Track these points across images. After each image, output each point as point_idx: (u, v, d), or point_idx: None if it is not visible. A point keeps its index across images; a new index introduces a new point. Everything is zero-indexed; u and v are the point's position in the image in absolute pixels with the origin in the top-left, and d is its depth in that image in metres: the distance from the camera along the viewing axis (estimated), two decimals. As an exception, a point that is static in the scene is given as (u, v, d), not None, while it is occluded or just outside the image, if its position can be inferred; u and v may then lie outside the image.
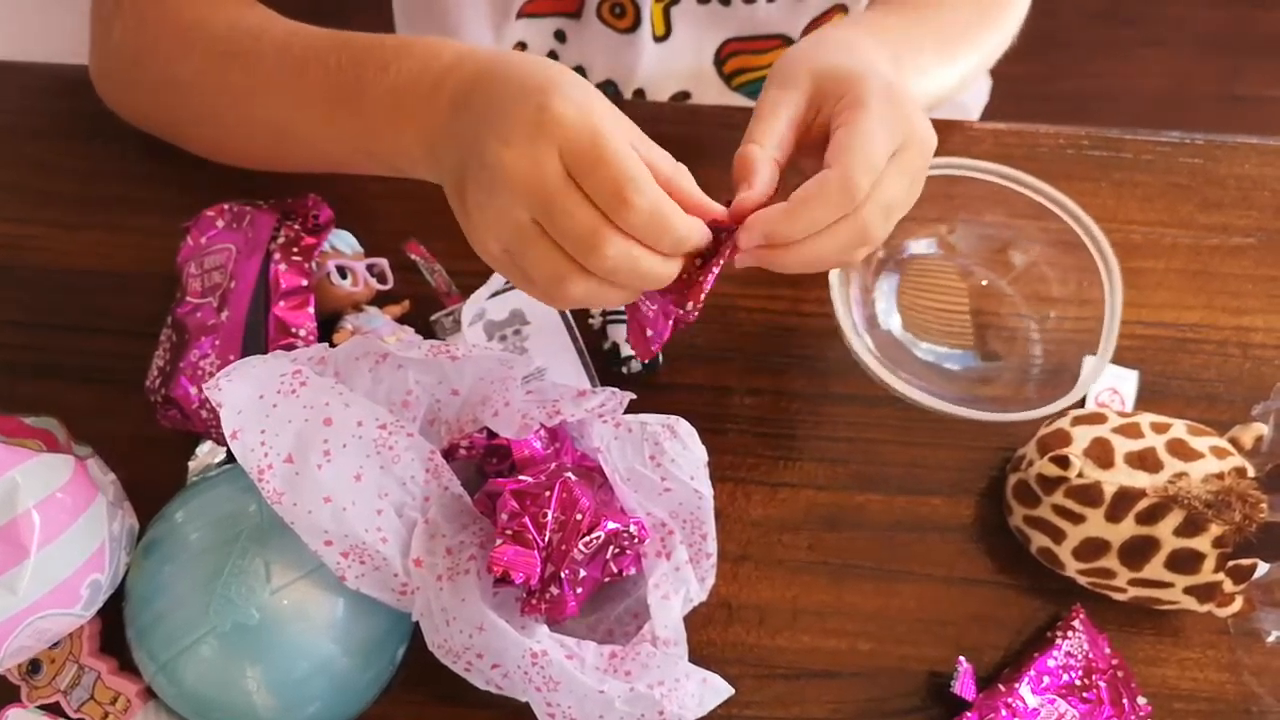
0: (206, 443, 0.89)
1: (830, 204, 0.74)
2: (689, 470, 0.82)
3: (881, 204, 0.76)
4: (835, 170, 0.74)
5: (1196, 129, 1.09)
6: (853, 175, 0.74)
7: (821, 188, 0.74)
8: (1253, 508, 0.80)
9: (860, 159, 0.74)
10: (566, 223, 0.69)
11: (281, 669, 0.78)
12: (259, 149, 0.96)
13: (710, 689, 0.79)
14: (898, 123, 0.77)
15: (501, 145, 0.70)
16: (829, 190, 0.74)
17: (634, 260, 0.71)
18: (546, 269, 0.72)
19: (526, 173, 0.69)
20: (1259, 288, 1.02)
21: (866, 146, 0.75)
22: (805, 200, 0.74)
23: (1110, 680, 0.86)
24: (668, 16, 1.11)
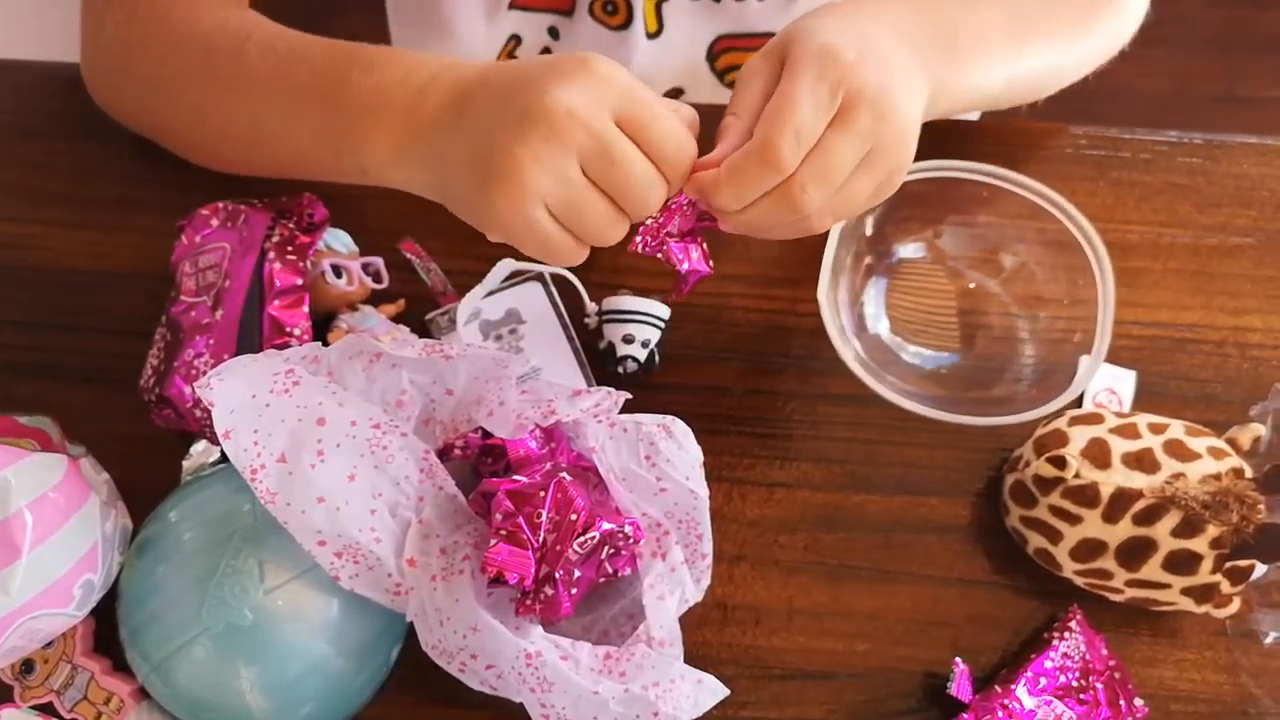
0: (201, 442, 0.88)
1: (755, 174, 0.74)
2: (684, 470, 0.82)
3: (818, 174, 0.74)
4: (755, 138, 0.73)
5: (1196, 129, 1.09)
6: (772, 141, 0.72)
7: (744, 157, 0.73)
8: (1250, 509, 0.80)
9: (779, 124, 0.72)
10: (628, 172, 0.71)
11: (275, 669, 0.78)
12: (236, 149, 0.95)
13: (705, 690, 0.79)
14: (832, 82, 0.73)
15: (556, 88, 0.71)
16: (750, 160, 0.73)
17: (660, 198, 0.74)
18: (602, 219, 0.73)
19: (588, 125, 0.70)
20: (1257, 288, 1.02)
21: (787, 110, 0.72)
22: (731, 171, 0.74)
23: (1107, 681, 0.86)
24: (659, 13, 1.11)
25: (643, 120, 0.72)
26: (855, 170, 0.76)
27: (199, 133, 0.96)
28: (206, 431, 0.87)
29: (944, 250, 0.99)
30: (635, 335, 0.93)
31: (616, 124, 0.72)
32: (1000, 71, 0.92)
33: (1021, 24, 0.93)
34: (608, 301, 0.94)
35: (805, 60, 0.74)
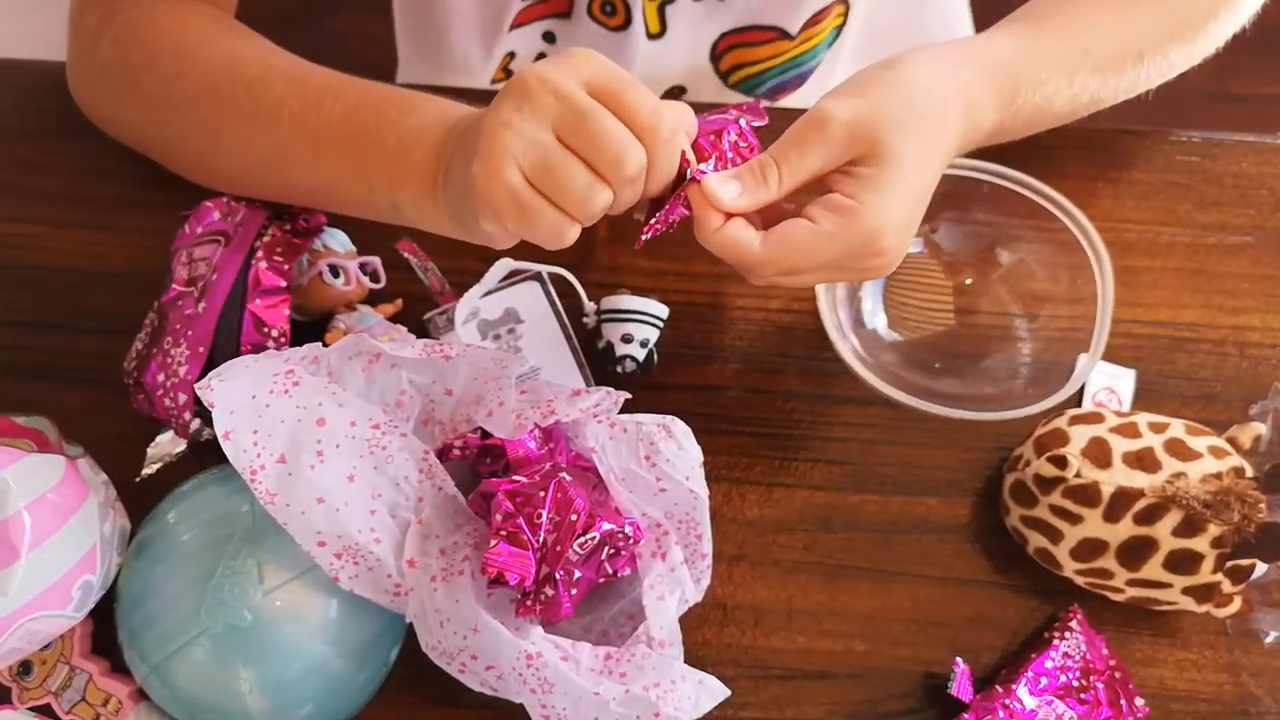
0: (168, 432, 0.89)
1: (737, 260, 0.78)
2: (684, 470, 0.82)
3: (783, 281, 0.81)
4: (761, 250, 0.77)
5: (1191, 127, 1.09)
6: (763, 267, 0.78)
7: (738, 254, 0.77)
8: (1251, 508, 0.80)
9: (787, 263, 0.77)
10: (601, 130, 0.70)
11: (274, 670, 0.78)
12: (253, 176, 0.93)
13: (706, 690, 0.79)
14: (850, 258, 0.78)
15: (528, 71, 0.71)
16: (745, 254, 0.77)
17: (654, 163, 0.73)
18: (580, 182, 0.71)
19: (551, 85, 0.70)
20: (1256, 286, 1.02)
21: (800, 257, 0.77)
22: (727, 243, 0.77)
23: (1108, 681, 0.86)
24: (662, 15, 1.11)
25: (615, 89, 0.71)
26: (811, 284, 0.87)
27: (212, 157, 0.95)
28: (172, 422, 0.87)
29: (941, 246, 0.99)
30: (634, 335, 0.93)
31: (590, 93, 0.71)
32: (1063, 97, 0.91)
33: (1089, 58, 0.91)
34: (606, 301, 0.94)
35: (855, 230, 0.76)
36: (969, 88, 0.82)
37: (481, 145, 0.71)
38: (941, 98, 0.80)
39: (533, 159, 0.71)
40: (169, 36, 0.93)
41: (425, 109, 0.83)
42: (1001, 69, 0.85)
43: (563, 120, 0.70)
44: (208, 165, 0.95)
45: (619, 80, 0.72)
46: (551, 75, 0.70)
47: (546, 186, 0.71)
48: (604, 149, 0.70)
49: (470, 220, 0.78)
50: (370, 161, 0.84)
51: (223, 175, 0.95)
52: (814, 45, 1.18)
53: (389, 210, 0.86)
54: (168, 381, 0.86)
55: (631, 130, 0.71)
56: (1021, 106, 0.86)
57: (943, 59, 0.82)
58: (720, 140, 0.77)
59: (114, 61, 0.96)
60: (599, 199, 0.71)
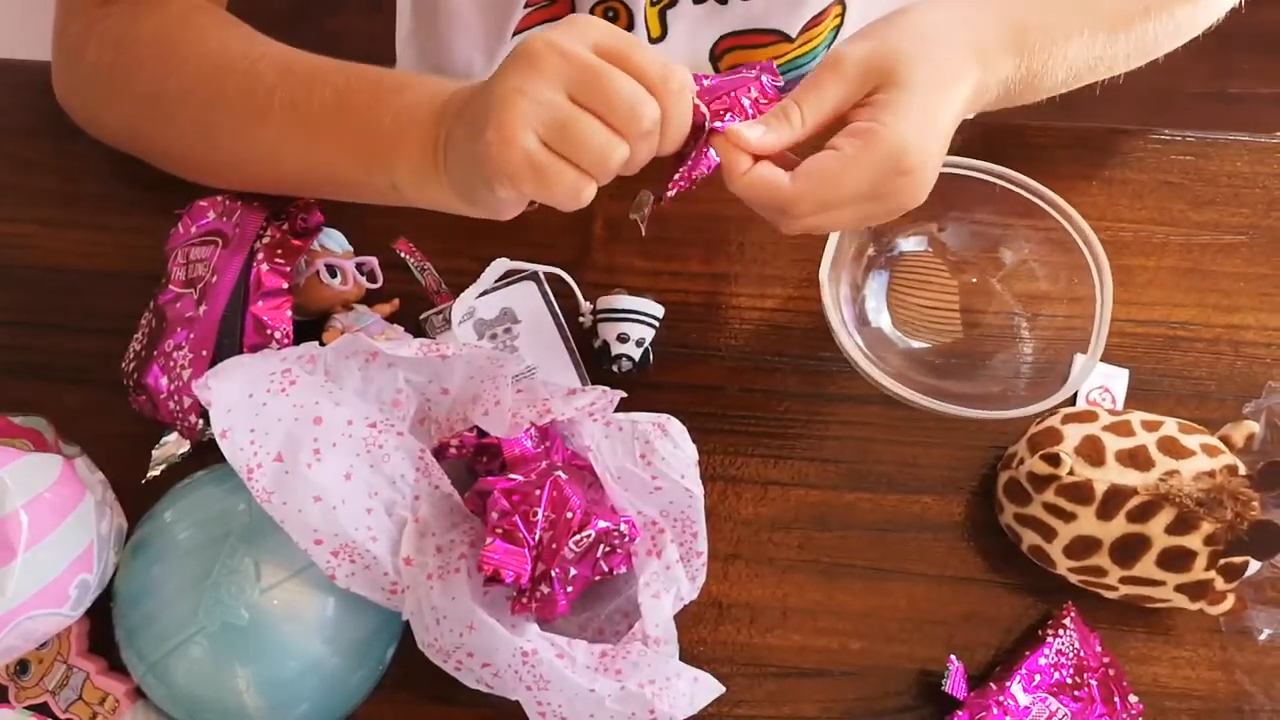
0: (173, 433, 0.89)
1: (766, 199, 0.79)
2: (680, 469, 0.82)
3: (814, 226, 0.81)
4: (791, 186, 0.77)
5: (1187, 127, 1.09)
6: (799, 203, 0.78)
7: (770, 192, 0.78)
8: (1244, 506, 0.80)
9: (816, 193, 0.77)
10: (613, 86, 0.71)
11: (271, 668, 0.78)
12: (251, 169, 0.94)
13: (701, 688, 0.79)
14: (880, 181, 0.78)
15: (529, 39, 0.72)
16: (773, 197, 0.78)
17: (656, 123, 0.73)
18: (597, 139, 0.72)
19: (560, 50, 0.71)
20: (1250, 286, 1.02)
21: (832, 191, 0.77)
22: (751, 180, 0.78)
23: (1102, 678, 0.86)
24: (663, 18, 1.10)
25: (623, 50, 0.72)
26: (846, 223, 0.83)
27: (206, 153, 0.95)
28: (177, 424, 0.87)
29: (945, 245, 1.00)
30: (630, 334, 0.93)
31: (597, 54, 0.72)
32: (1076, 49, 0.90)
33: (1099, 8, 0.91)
34: (602, 300, 0.94)
35: (878, 151, 0.77)
36: (979, 30, 0.83)
37: (494, 113, 0.72)
38: (950, 36, 0.82)
39: (547, 120, 0.71)
40: (156, 34, 0.93)
41: (417, 86, 0.84)
42: (1011, 14, 0.86)
43: (574, 80, 0.71)
44: (203, 162, 0.95)
45: (625, 41, 0.72)
46: (558, 39, 0.71)
47: (563, 146, 0.72)
48: (617, 104, 0.71)
49: (480, 190, 0.78)
50: (366, 143, 0.85)
51: (220, 171, 0.95)
52: (813, 47, 1.18)
53: (388, 191, 0.86)
54: (171, 385, 0.86)
55: (642, 86, 0.72)
56: (1035, 54, 0.86)
57: (952, 5, 0.84)
58: (739, 98, 0.79)
59: (101, 65, 0.96)
60: (616, 154, 0.72)
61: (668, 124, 0.74)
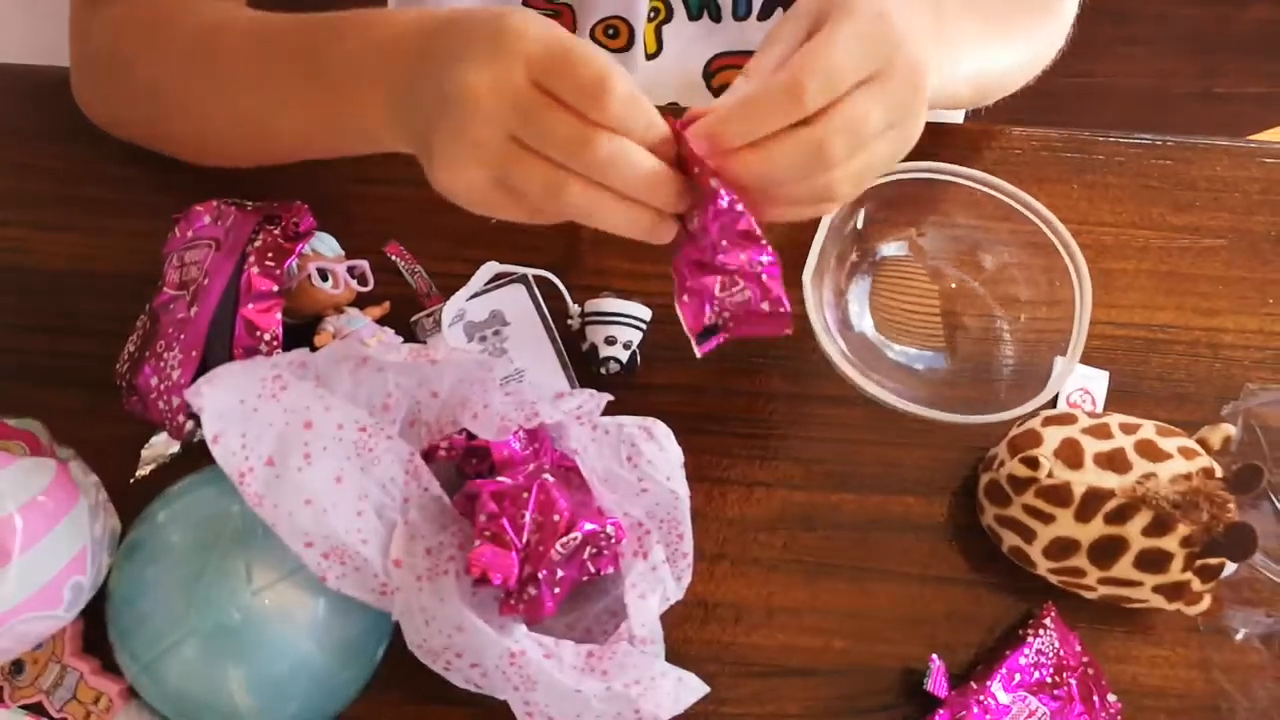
0: (162, 434, 0.90)
1: (773, 106, 0.69)
2: (665, 471, 0.83)
3: (846, 125, 0.70)
4: (783, 72, 0.69)
5: (1174, 127, 1.10)
6: (800, 78, 0.68)
7: (767, 88, 0.69)
8: (1220, 508, 0.81)
9: (813, 63, 0.68)
10: (549, 127, 0.68)
11: (263, 669, 0.79)
12: (235, 140, 0.96)
13: (686, 687, 0.80)
14: (878, 42, 0.70)
15: (464, 70, 0.69)
16: (773, 91, 0.69)
17: (623, 150, 0.68)
18: (539, 180, 0.69)
19: (495, 89, 0.68)
20: (1229, 289, 1.03)
21: (825, 52, 0.69)
22: (746, 101, 0.70)
23: (1081, 678, 0.88)
24: (659, 35, 1.11)
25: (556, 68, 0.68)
26: (879, 137, 0.72)
27: (199, 133, 0.96)
28: (167, 425, 0.88)
29: (925, 250, 1.01)
30: (617, 337, 0.94)
31: (536, 84, 0.68)
32: (973, 64, 0.90)
33: (987, 28, 0.92)
34: (590, 303, 0.95)
35: (852, 14, 0.70)
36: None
37: (439, 152, 0.71)
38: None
39: (490, 164, 0.70)
40: (147, 14, 0.94)
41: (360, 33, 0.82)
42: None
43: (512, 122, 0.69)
44: (201, 143, 0.97)
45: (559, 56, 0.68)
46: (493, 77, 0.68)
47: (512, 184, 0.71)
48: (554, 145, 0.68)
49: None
50: (326, 102, 0.85)
51: (214, 146, 0.97)
52: None
53: (365, 143, 0.85)
54: (161, 385, 0.87)
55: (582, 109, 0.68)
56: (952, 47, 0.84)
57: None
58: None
59: (102, 53, 0.97)
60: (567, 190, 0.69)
61: (629, 134, 0.69)
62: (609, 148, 0.68)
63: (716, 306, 0.76)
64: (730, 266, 0.74)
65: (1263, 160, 1.09)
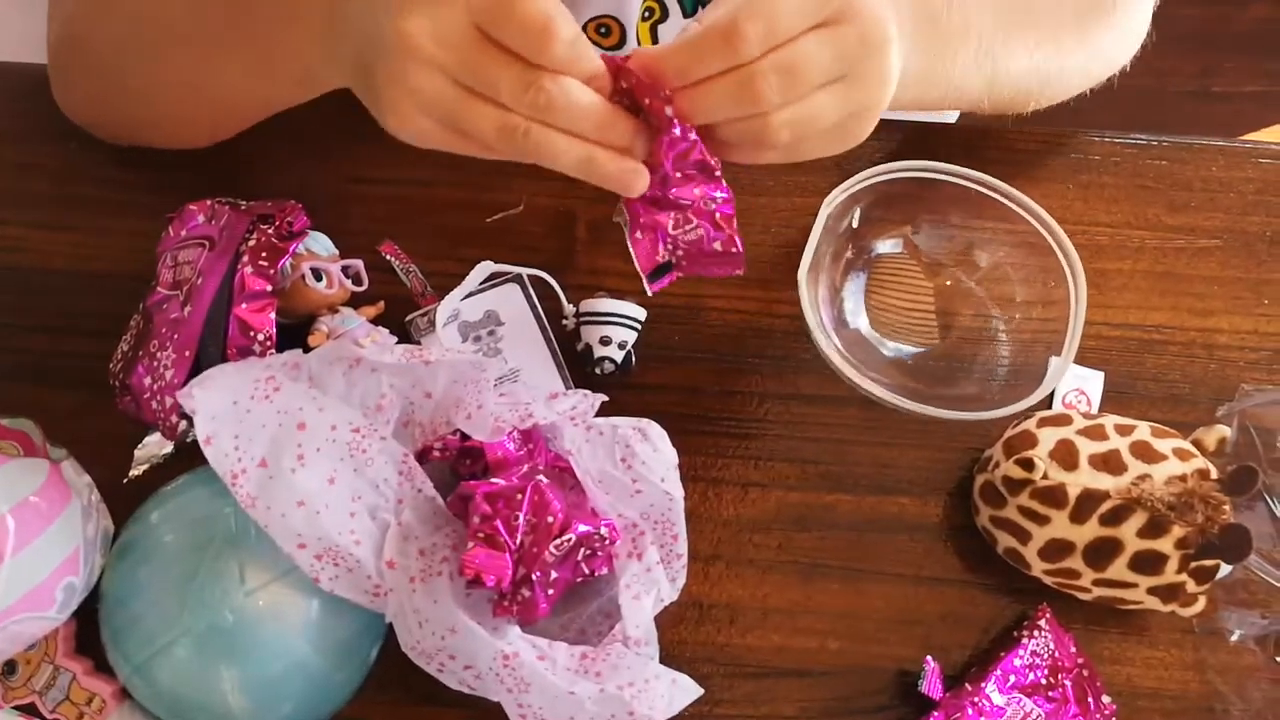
0: (155, 434, 0.90)
1: (710, 48, 0.68)
2: (659, 472, 0.83)
3: (780, 67, 0.68)
4: (723, 14, 0.67)
5: (1174, 126, 1.10)
6: (740, 21, 0.66)
7: (703, 30, 0.68)
8: (1215, 509, 0.81)
9: (751, 8, 0.66)
10: (494, 73, 0.67)
11: (256, 670, 0.79)
12: (175, 105, 0.95)
13: (680, 689, 0.80)
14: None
15: (404, 15, 0.67)
16: (712, 33, 0.67)
17: (568, 89, 0.67)
18: (490, 124, 0.68)
19: (435, 36, 0.67)
20: (1224, 289, 1.03)
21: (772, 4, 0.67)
22: (684, 40, 0.69)
23: (1076, 679, 0.88)
24: (654, 34, 1.11)
25: (498, 17, 0.66)
26: (824, 89, 0.70)
27: (148, 107, 0.96)
28: (160, 424, 0.88)
29: (919, 247, 1.00)
30: (612, 337, 0.94)
31: (478, 28, 0.67)
32: (983, 67, 0.89)
33: (1010, 23, 0.90)
34: (585, 304, 0.95)
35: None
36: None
37: (385, 96, 0.70)
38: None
39: (435, 111, 0.69)
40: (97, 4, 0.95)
41: None
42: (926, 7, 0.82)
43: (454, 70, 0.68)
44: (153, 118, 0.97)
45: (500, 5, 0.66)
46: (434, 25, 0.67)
47: (460, 128, 0.70)
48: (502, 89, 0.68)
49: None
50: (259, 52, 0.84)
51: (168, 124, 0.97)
52: None
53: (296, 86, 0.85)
54: (154, 385, 0.87)
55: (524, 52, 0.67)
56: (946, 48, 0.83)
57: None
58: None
59: (62, 41, 0.97)
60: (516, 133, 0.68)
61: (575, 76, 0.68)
62: (554, 89, 0.67)
63: (670, 244, 0.76)
64: (684, 200, 0.74)
65: (1258, 161, 1.09)
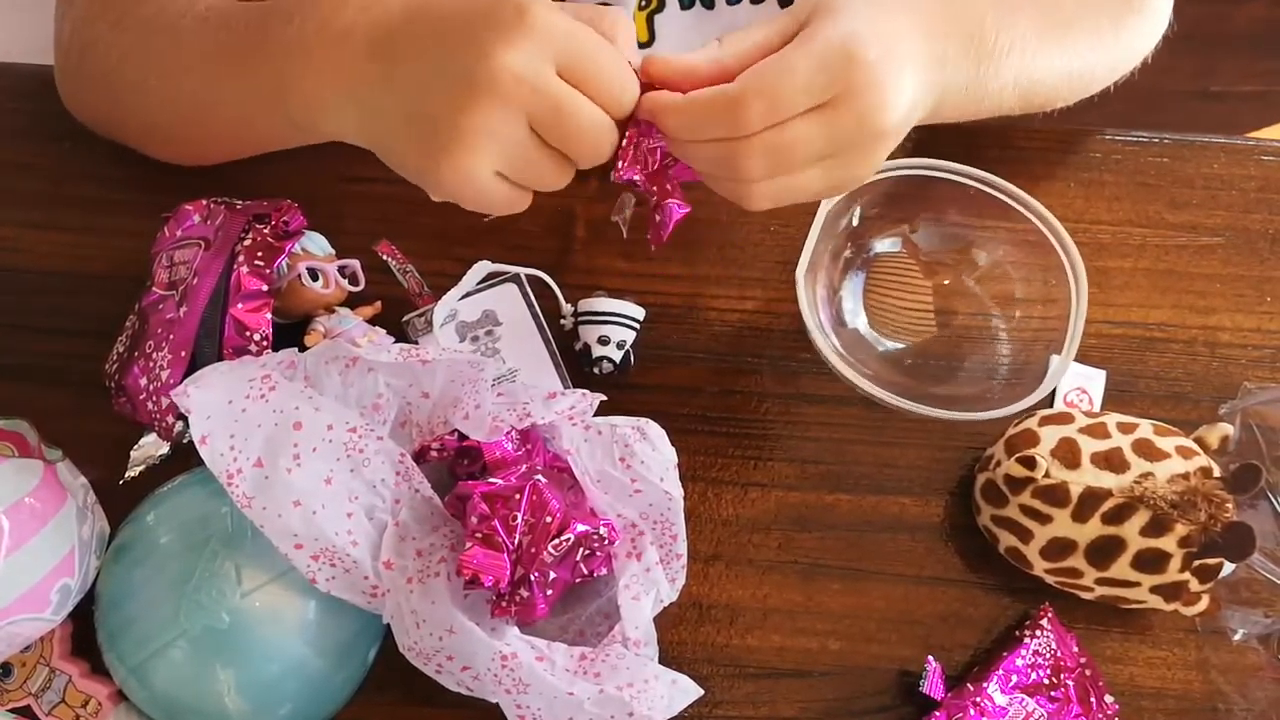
0: (151, 434, 0.89)
1: (714, 116, 0.71)
2: (658, 472, 0.83)
3: (769, 149, 0.72)
4: (732, 85, 0.71)
5: (1173, 125, 1.09)
6: (745, 97, 0.70)
7: (710, 98, 0.71)
8: (1218, 508, 0.80)
9: (762, 83, 0.70)
10: (578, 124, 0.70)
11: (253, 672, 0.78)
12: (183, 128, 0.95)
13: (679, 690, 0.79)
14: (837, 73, 0.70)
15: (498, 62, 0.68)
16: (718, 102, 0.71)
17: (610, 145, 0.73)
18: (553, 176, 0.72)
19: (533, 85, 0.68)
20: (1226, 287, 1.03)
21: (776, 76, 0.70)
22: (691, 103, 0.72)
23: (1078, 679, 0.87)
24: (651, 24, 1.10)
25: (586, 69, 0.70)
26: (812, 164, 0.74)
27: (149, 118, 0.96)
28: (155, 425, 0.88)
29: (918, 246, 1.00)
30: (610, 336, 0.93)
31: (560, 74, 0.70)
32: (1020, 80, 0.89)
33: (1049, 34, 0.89)
34: (583, 303, 0.95)
35: (822, 38, 0.71)
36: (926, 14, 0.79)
37: (453, 144, 0.70)
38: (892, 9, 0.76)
39: (508, 158, 0.71)
40: (112, 8, 0.94)
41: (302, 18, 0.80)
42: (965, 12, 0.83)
43: (540, 119, 0.70)
44: (152, 129, 0.97)
45: (589, 57, 0.70)
46: (526, 71, 0.68)
47: (519, 177, 0.72)
48: (582, 141, 0.71)
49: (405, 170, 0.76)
50: (262, 82, 0.83)
51: (164, 137, 0.97)
52: None
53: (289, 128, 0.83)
54: (150, 385, 0.86)
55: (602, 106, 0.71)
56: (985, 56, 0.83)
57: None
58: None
59: (74, 44, 0.97)
60: (565, 180, 0.73)
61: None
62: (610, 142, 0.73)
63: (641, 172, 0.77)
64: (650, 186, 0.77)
65: (1260, 158, 1.08)
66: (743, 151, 0.72)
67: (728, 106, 0.70)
